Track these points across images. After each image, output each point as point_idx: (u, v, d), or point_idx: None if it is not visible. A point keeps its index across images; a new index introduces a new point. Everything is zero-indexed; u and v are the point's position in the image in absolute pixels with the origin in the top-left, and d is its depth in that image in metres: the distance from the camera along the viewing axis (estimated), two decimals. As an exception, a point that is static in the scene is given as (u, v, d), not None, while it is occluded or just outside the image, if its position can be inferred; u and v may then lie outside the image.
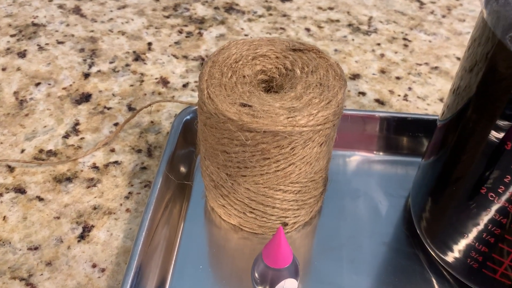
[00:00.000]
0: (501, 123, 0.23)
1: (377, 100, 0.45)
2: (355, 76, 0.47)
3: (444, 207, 0.30)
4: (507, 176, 0.24)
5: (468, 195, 0.27)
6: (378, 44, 0.52)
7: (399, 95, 0.45)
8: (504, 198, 0.25)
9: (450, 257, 0.30)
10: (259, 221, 0.32)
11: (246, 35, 0.53)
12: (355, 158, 0.39)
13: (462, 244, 0.29)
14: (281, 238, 0.26)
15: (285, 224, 0.33)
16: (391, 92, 0.45)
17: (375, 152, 0.40)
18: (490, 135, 0.24)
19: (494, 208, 0.25)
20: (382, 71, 0.48)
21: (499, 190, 0.25)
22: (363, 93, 0.45)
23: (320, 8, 0.58)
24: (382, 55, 0.50)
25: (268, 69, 0.31)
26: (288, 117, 0.26)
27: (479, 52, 0.24)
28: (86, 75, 0.47)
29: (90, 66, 0.48)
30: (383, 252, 0.33)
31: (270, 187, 0.30)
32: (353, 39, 0.52)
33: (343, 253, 0.33)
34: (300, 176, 0.29)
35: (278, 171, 0.28)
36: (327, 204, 0.36)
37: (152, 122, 0.42)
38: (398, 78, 0.47)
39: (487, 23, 0.23)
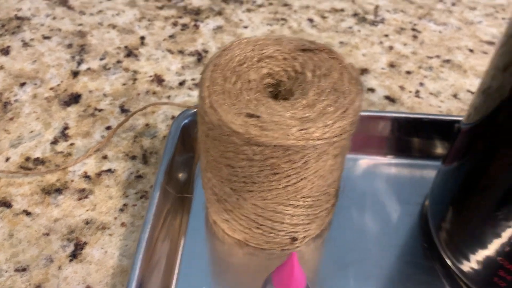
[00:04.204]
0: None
1: (387, 97, 0.42)
2: (363, 71, 0.44)
3: (468, 218, 0.27)
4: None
5: (495, 206, 0.25)
6: (386, 36, 0.49)
7: (410, 91, 0.42)
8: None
9: (474, 273, 0.28)
10: (267, 236, 0.29)
11: (245, 27, 0.49)
12: (366, 162, 0.37)
13: (487, 261, 0.26)
14: (294, 265, 0.23)
15: (294, 239, 0.30)
16: (402, 88, 0.43)
17: (387, 155, 0.37)
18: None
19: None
20: (392, 65, 0.45)
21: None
22: (372, 90, 0.42)
23: (323, -4, 0.54)
24: (391, 48, 0.47)
25: (276, 72, 0.28)
26: (301, 129, 0.23)
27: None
28: (75, 74, 0.43)
29: (79, 64, 0.44)
30: (399, 266, 0.31)
31: (279, 203, 0.27)
32: (359, 30, 0.49)
33: (357, 268, 0.31)
34: (312, 190, 0.27)
35: (288, 186, 0.26)
36: (337, 213, 0.33)
37: (147, 125, 0.39)
38: (408, 72, 0.44)
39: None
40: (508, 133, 0.23)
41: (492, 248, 0.26)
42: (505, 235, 0.24)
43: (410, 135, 0.37)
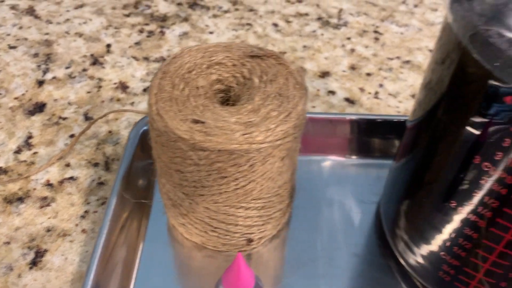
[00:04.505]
0: (469, 133, 0.22)
1: (347, 99, 0.43)
2: (324, 74, 0.45)
3: (412, 215, 0.28)
4: (475, 190, 0.22)
5: (436, 203, 0.26)
6: (348, 39, 0.50)
7: (369, 93, 0.43)
8: (473, 211, 0.23)
9: (422, 269, 0.29)
10: (222, 239, 0.30)
11: (211, 32, 0.50)
12: (325, 163, 0.38)
13: (432, 256, 0.27)
14: (240, 266, 0.24)
15: (250, 240, 0.31)
16: (362, 89, 0.44)
17: (346, 155, 0.38)
18: (458, 140, 0.23)
19: (463, 220, 0.24)
20: (353, 68, 0.46)
21: (469, 204, 0.23)
22: (332, 92, 0.43)
23: (288, 1, 0.55)
24: (353, 50, 0.48)
25: (225, 78, 0.28)
26: (244, 134, 0.24)
27: (446, 49, 0.23)
28: (40, 83, 0.44)
29: (44, 73, 0.45)
30: (355, 264, 0.32)
31: (230, 206, 0.28)
32: (322, 34, 0.50)
33: (314, 267, 0.31)
34: (262, 192, 0.27)
35: (237, 189, 0.27)
36: (296, 214, 0.34)
37: (110, 132, 0.39)
38: (368, 74, 0.45)
39: (450, 23, 0.21)
40: (447, 126, 0.24)
41: (435, 244, 0.27)
42: (446, 231, 0.25)
43: (367, 136, 0.38)
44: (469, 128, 0.22)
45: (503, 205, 0.22)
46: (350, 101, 0.43)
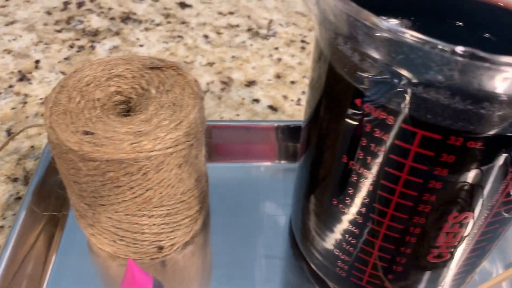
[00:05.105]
0: (335, 132, 0.23)
1: (271, 107, 0.44)
2: (250, 83, 0.47)
3: (308, 215, 0.29)
4: (349, 188, 0.24)
5: (322, 204, 0.27)
6: (276, 48, 0.51)
7: (292, 100, 0.45)
8: (351, 208, 0.24)
9: (323, 266, 0.30)
10: (132, 247, 0.31)
11: (141, 45, 0.51)
12: (244, 168, 0.39)
13: (328, 253, 0.28)
14: (134, 272, 0.25)
15: (161, 248, 0.31)
16: (285, 97, 0.45)
17: (261, 161, 0.39)
18: (329, 139, 0.24)
19: (345, 218, 0.25)
20: (278, 76, 0.48)
21: (347, 202, 0.24)
22: (257, 100, 0.45)
23: (220, 13, 0.57)
24: (279, 60, 0.50)
25: (124, 89, 0.29)
26: (133, 143, 0.25)
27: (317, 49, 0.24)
28: (-36, 100, 0.44)
29: (-31, 90, 0.45)
30: (268, 266, 0.33)
31: (132, 214, 0.28)
32: (251, 44, 0.52)
33: (227, 271, 0.32)
34: (163, 200, 0.28)
35: (135, 197, 0.27)
36: (214, 220, 0.35)
37: (32, 147, 0.40)
38: (293, 82, 0.47)
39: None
40: (321, 125, 0.25)
41: (329, 241, 0.28)
42: (334, 229, 0.27)
43: (286, 141, 0.39)
44: (335, 127, 0.23)
45: (373, 201, 0.23)
46: (273, 108, 0.44)
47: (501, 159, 0.20)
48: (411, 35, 0.16)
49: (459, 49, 0.15)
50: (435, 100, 0.18)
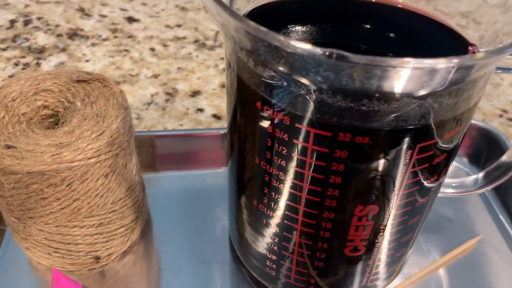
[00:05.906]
0: (245, 135, 0.24)
1: (214, 115, 0.45)
2: (195, 93, 0.48)
3: (239, 219, 0.30)
4: (264, 188, 0.25)
5: (247, 206, 0.28)
6: (222, 59, 0.52)
7: (235, 108, 0.46)
8: (271, 209, 0.25)
9: (256, 267, 0.31)
10: (68, 259, 0.31)
11: (87, 60, 0.51)
12: (186, 177, 0.39)
13: (258, 254, 0.29)
14: (59, 280, 0.25)
15: (97, 258, 0.32)
16: (228, 105, 0.46)
17: (205, 169, 0.40)
18: (247, 142, 0.25)
19: (265, 217, 0.26)
20: (223, 86, 0.49)
21: (265, 202, 0.25)
22: (201, 110, 0.46)
23: (168, 26, 0.58)
24: (225, 70, 0.51)
25: (51, 103, 0.30)
26: (53, 155, 0.25)
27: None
28: None
29: None
30: (208, 271, 0.33)
31: (63, 225, 0.29)
32: (197, 56, 0.53)
33: (168, 278, 0.33)
34: (92, 210, 0.29)
35: (63, 208, 0.28)
36: (156, 228, 0.36)
37: (-28, 165, 0.39)
38: (236, 90, 0.48)
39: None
40: (241, 127, 0.26)
41: (257, 242, 0.29)
42: (262, 230, 0.27)
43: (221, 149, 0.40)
44: (246, 131, 0.24)
45: (286, 199, 0.24)
46: (217, 117, 0.45)
47: (391, 152, 0.21)
48: (289, 43, 0.17)
49: (326, 51, 0.16)
50: (320, 100, 0.19)
